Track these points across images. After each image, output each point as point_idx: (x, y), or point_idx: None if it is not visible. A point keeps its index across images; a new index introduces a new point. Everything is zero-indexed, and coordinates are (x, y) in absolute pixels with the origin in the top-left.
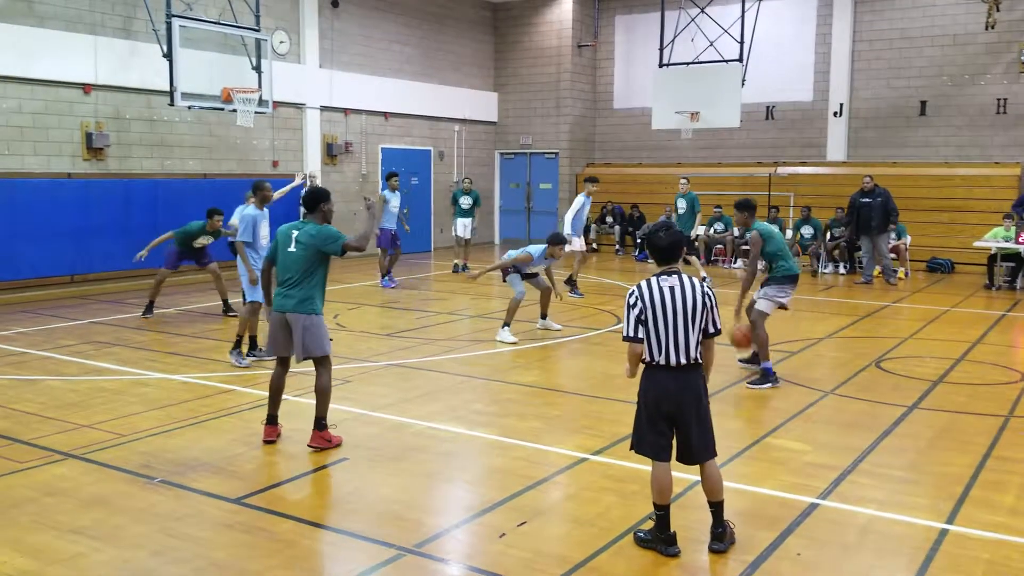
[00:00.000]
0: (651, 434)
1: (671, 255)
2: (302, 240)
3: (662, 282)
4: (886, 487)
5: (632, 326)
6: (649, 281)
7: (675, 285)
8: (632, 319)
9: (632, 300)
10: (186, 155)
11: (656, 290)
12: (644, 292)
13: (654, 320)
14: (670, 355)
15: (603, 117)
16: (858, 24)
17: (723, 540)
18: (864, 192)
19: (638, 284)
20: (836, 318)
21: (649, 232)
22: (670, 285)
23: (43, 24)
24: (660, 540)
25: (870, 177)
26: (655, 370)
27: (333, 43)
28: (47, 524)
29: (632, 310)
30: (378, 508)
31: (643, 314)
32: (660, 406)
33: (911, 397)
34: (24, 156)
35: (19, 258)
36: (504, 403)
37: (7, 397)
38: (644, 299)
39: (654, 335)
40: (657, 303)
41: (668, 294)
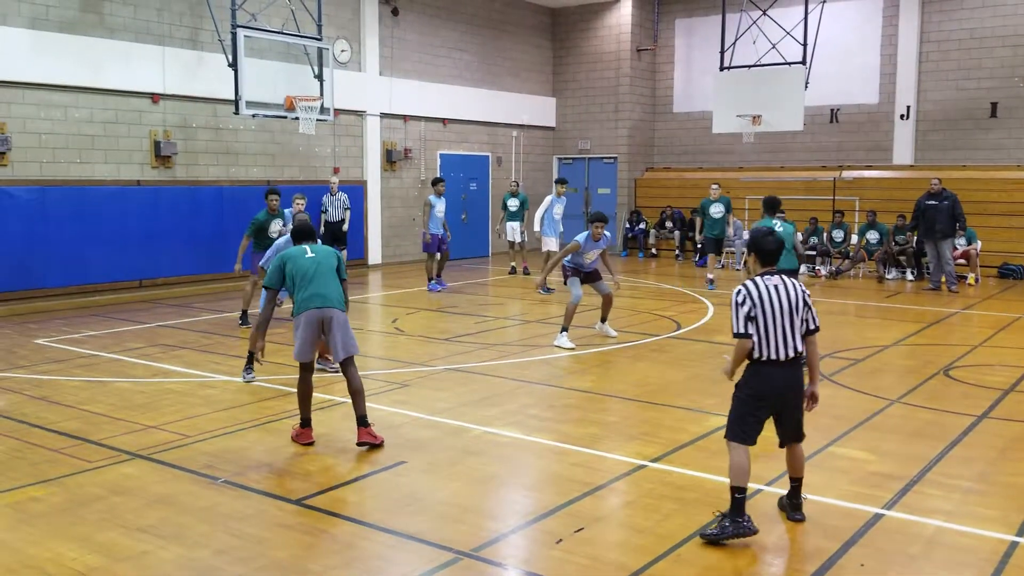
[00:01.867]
0: (750, 422)
1: (776, 257)
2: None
3: (767, 281)
4: (954, 498)
5: (743, 323)
6: (755, 281)
7: (779, 284)
8: (742, 316)
9: (740, 299)
10: (250, 162)
11: (764, 289)
12: (752, 291)
13: (763, 317)
14: (778, 350)
15: (662, 121)
16: (925, 25)
17: (801, 511)
18: (931, 194)
19: (743, 284)
20: (903, 325)
21: (757, 236)
22: (774, 284)
23: (113, 35)
24: (740, 524)
25: (938, 180)
26: (763, 365)
27: (393, 51)
28: (115, 522)
29: (741, 308)
30: (436, 511)
31: (752, 311)
32: (765, 398)
33: (981, 406)
34: (95, 164)
35: (90, 263)
36: (561, 408)
37: (78, 398)
38: (753, 297)
39: (763, 331)
40: (765, 301)
41: (774, 292)
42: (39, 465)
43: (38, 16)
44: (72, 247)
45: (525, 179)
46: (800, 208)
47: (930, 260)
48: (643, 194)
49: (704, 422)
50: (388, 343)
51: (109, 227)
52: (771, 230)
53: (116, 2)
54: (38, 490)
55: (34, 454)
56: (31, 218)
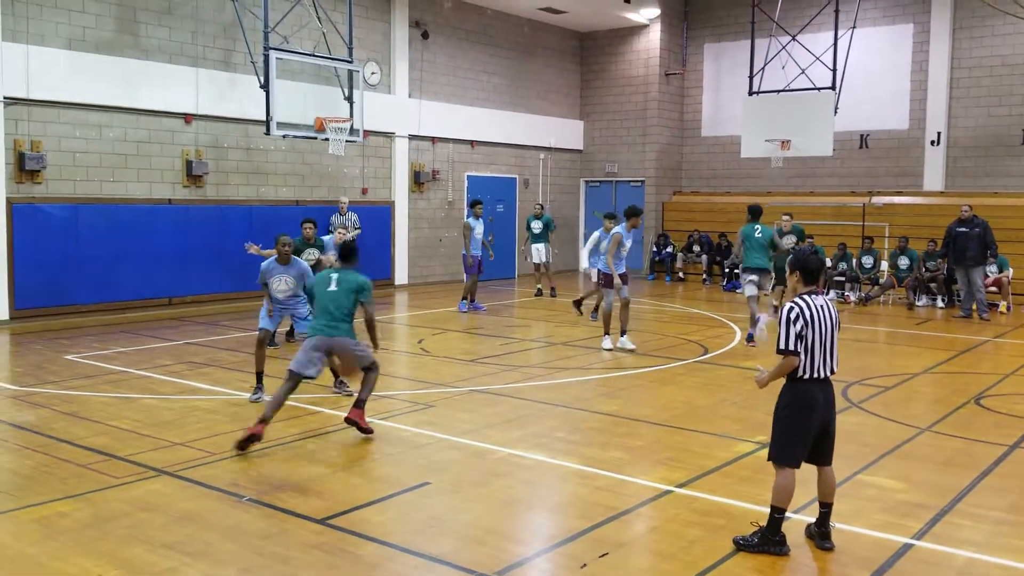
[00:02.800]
0: (800, 445)
1: (818, 277)
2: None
3: (814, 300)
4: (985, 528)
5: (793, 340)
6: (804, 299)
7: (824, 304)
8: (793, 334)
9: (793, 316)
10: (280, 182)
11: (814, 308)
12: (804, 309)
13: (812, 336)
14: (823, 369)
15: (690, 145)
16: (956, 51)
17: (830, 539)
18: (962, 221)
19: (794, 302)
20: (933, 352)
21: (801, 256)
22: (820, 304)
23: (148, 56)
24: (773, 542)
25: (969, 206)
26: (807, 383)
27: (422, 73)
28: (140, 538)
29: (794, 325)
30: (460, 533)
31: (803, 330)
32: (813, 418)
33: (1013, 436)
34: (128, 183)
35: (120, 280)
36: (587, 432)
37: (106, 414)
38: (805, 316)
39: (811, 350)
40: (815, 320)
41: (822, 312)
42: (66, 480)
43: (75, 37)
44: (103, 264)
45: (552, 202)
46: (829, 234)
47: (961, 287)
48: (670, 218)
49: (731, 448)
50: (414, 363)
51: (140, 245)
52: (815, 250)
53: (151, 24)
54: (64, 505)
55: (61, 469)
56: (64, 235)
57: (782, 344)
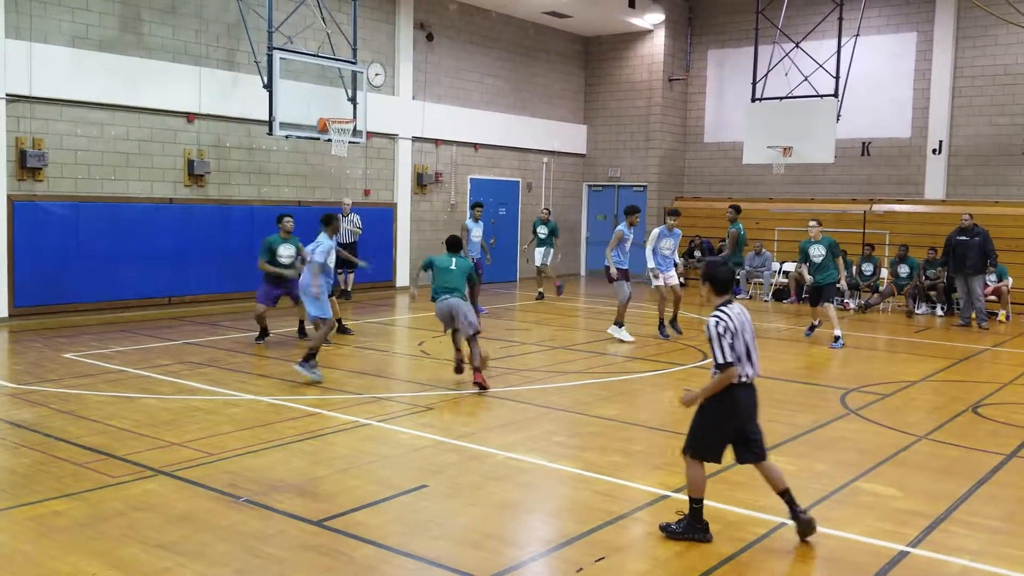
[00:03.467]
0: (720, 444)
1: (730, 286)
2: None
3: (732, 309)
4: (981, 537)
5: (729, 352)
6: (724, 310)
7: (742, 311)
8: (726, 346)
9: (721, 329)
10: (282, 183)
11: (736, 317)
12: (729, 321)
13: (744, 344)
14: (750, 373)
15: (693, 151)
16: (959, 60)
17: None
18: (962, 230)
19: (718, 314)
20: (932, 360)
21: (711, 267)
22: (738, 312)
23: (151, 55)
24: (697, 529)
25: (969, 215)
26: (735, 388)
27: (427, 76)
28: (136, 538)
29: (724, 338)
30: (457, 536)
31: (733, 340)
32: (735, 421)
33: (1010, 445)
34: (129, 181)
35: (120, 279)
36: (585, 436)
37: (104, 413)
38: (731, 326)
39: (745, 357)
40: (739, 328)
41: (744, 319)
42: (63, 479)
43: (78, 35)
44: (104, 263)
45: (555, 206)
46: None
47: (960, 296)
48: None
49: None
50: (413, 366)
51: (141, 244)
52: (724, 261)
53: (155, 22)
54: (61, 504)
55: (58, 468)
56: (64, 233)
57: (720, 358)
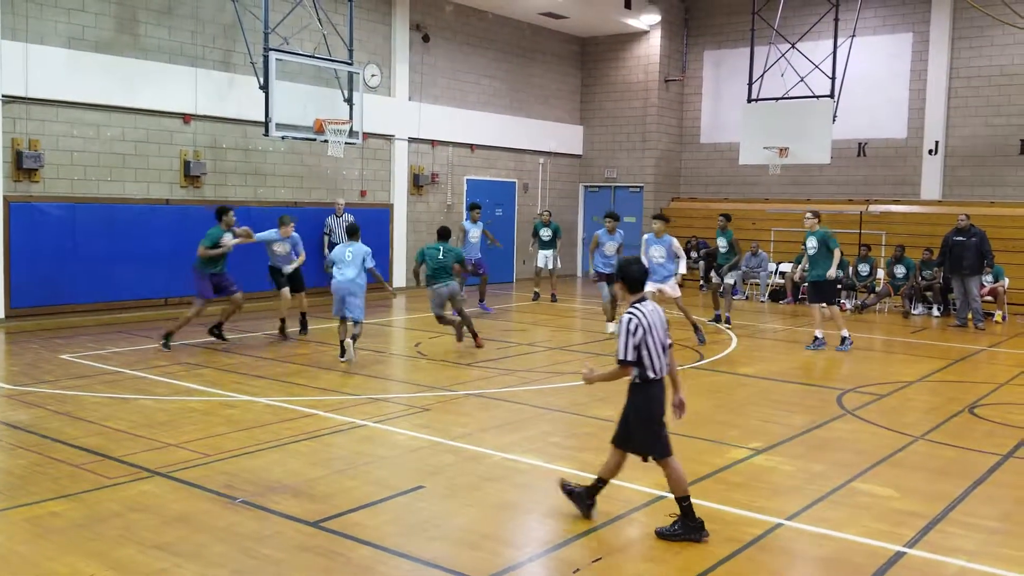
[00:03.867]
0: (663, 435)
1: (642, 284)
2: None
3: (645, 307)
4: (978, 537)
5: (632, 350)
6: (638, 308)
7: (655, 309)
8: (632, 345)
9: (633, 326)
10: (278, 183)
11: (648, 315)
12: (642, 318)
13: (653, 342)
14: (662, 369)
15: (689, 151)
16: (955, 60)
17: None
18: (959, 230)
19: (631, 312)
20: (928, 361)
21: (623, 265)
22: (651, 309)
23: (147, 56)
24: (692, 528)
25: (966, 215)
26: (652, 384)
27: (423, 77)
28: (132, 539)
29: (633, 336)
30: (453, 537)
31: (643, 339)
32: (660, 412)
33: (1006, 445)
34: (125, 182)
35: (117, 280)
36: (582, 437)
37: (101, 414)
38: (643, 324)
39: (653, 354)
40: (649, 327)
41: (655, 318)
42: (59, 480)
43: (74, 36)
44: (100, 264)
45: (551, 206)
46: None
47: (956, 296)
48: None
49: (725, 454)
50: (410, 367)
51: (137, 245)
52: (637, 259)
53: (151, 23)
54: (57, 505)
55: (55, 469)
56: (61, 234)
57: (621, 355)
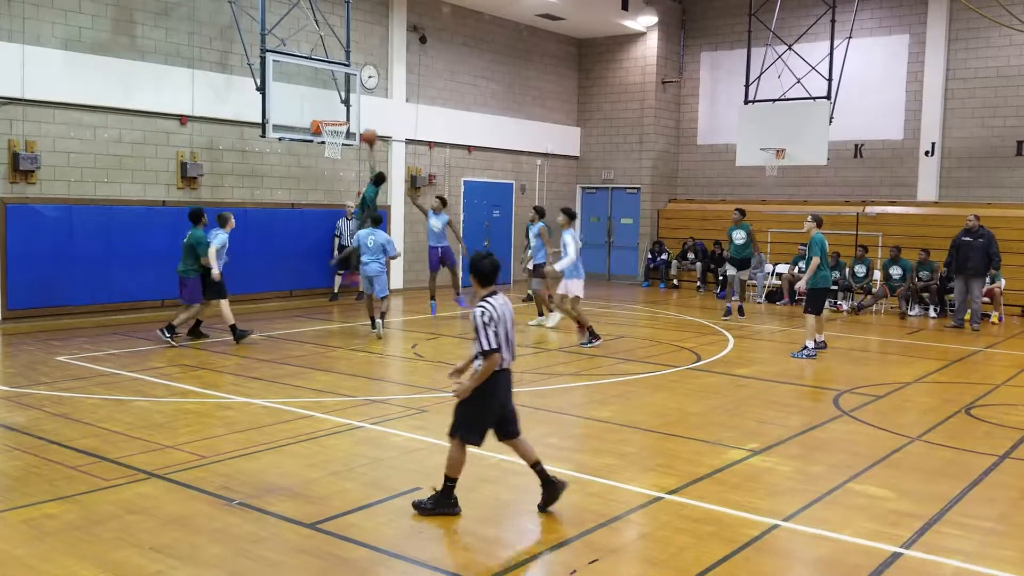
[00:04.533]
0: (484, 427)
1: (493, 278)
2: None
3: (496, 300)
4: (974, 538)
5: (494, 339)
6: (489, 300)
7: (505, 302)
8: (492, 334)
9: (487, 319)
10: (275, 185)
11: (499, 307)
12: (493, 311)
13: (505, 333)
14: (508, 359)
15: (686, 153)
16: (952, 62)
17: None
18: (967, 231)
19: (483, 304)
20: (925, 362)
21: (475, 259)
22: (502, 302)
23: (144, 58)
24: (447, 504)
25: (975, 216)
26: (499, 374)
27: (420, 78)
28: (129, 541)
29: (489, 327)
30: (450, 539)
31: (498, 329)
32: (496, 404)
33: (1003, 446)
34: (122, 184)
35: (113, 282)
36: (579, 438)
37: (97, 416)
38: (495, 316)
39: (505, 345)
40: (501, 318)
41: (506, 310)
42: (56, 482)
43: (71, 37)
44: (97, 266)
45: (548, 208)
46: None
47: (956, 297)
48: (666, 225)
49: (722, 455)
50: (407, 368)
51: (134, 247)
52: (488, 254)
53: (148, 25)
54: (53, 507)
55: (51, 471)
56: (57, 236)
57: (486, 345)
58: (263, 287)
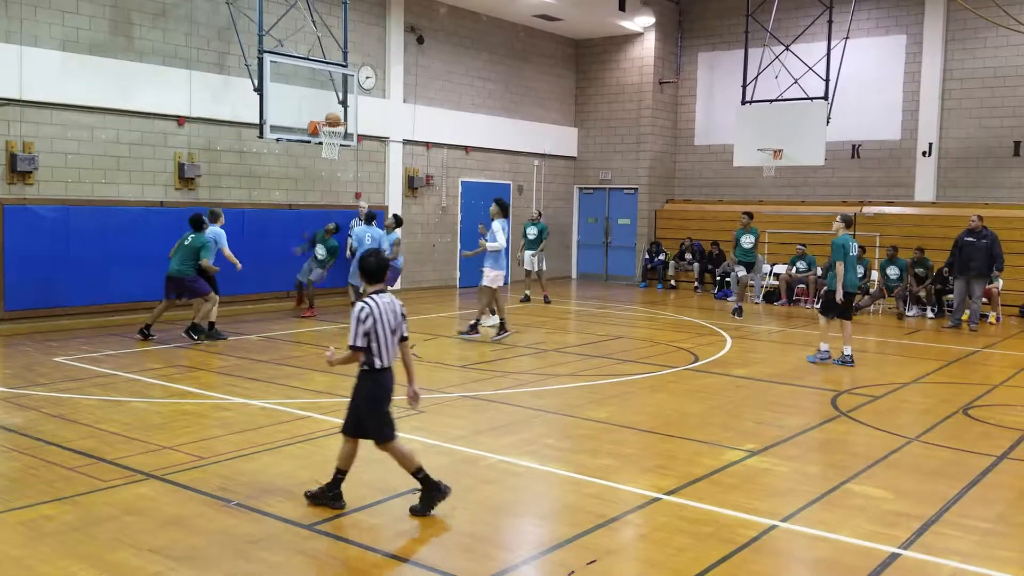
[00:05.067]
0: (390, 420)
1: (379, 276)
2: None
3: (380, 299)
4: (972, 539)
5: (361, 337)
6: (372, 298)
7: (391, 301)
8: (361, 332)
9: (364, 315)
10: (273, 186)
11: (380, 306)
12: (373, 308)
13: (382, 331)
14: (389, 359)
15: (684, 153)
16: (948, 62)
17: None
18: (971, 231)
19: (366, 301)
20: (922, 362)
21: (363, 257)
22: (387, 302)
23: (141, 59)
24: (330, 497)
25: (978, 216)
26: (380, 372)
27: (417, 79)
28: (126, 542)
29: (363, 324)
30: (448, 540)
31: (373, 327)
32: (387, 399)
33: (1001, 446)
34: (119, 185)
35: (111, 282)
36: (577, 438)
37: (95, 417)
38: (374, 313)
39: (382, 344)
40: (380, 317)
41: (389, 310)
42: (53, 483)
43: (68, 38)
44: (94, 267)
45: (546, 208)
46: (820, 243)
47: (956, 297)
48: (663, 225)
49: (720, 456)
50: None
51: (131, 247)
52: (375, 251)
53: (145, 26)
54: (51, 508)
55: (49, 472)
56: (55, 237)
57: (351, 341)
58: (261, 288)
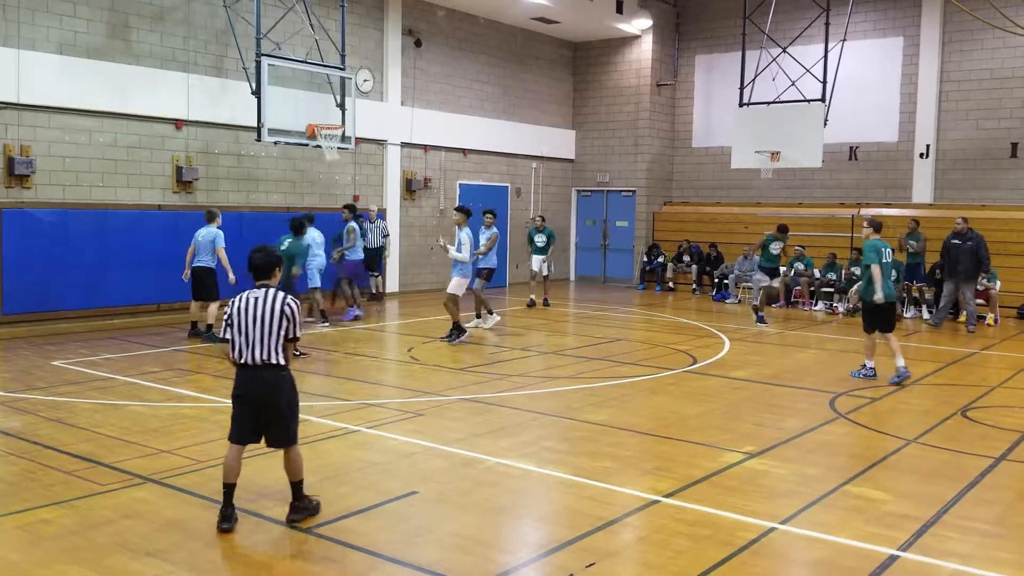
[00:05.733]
0: (237, 423)
1: (263, 273)
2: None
3: (252, 293)
4: (971, 540)
5: (224, 327)
6: (246, 294)
7: (260, 297)
8: (224, 326)
9: (228, 308)
10: (271, 188)
11: (245, 300)
12: (235, 302)
13: (239, 325)
14: (248, 356)
15: (681, 155)
16: (946, 64)
17: (302, 512)
18: (956, 234)
19: (240, 296)
20: (920, 364)
21: (251, 253)
22: (256, 297)
23: (139, 62)
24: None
25: (963, 219)
26: (240, 368)
27: (415, 81)
28: (124, 546)
29: (226, 317)
30: (446, 543)
31: (231, 319)
32: (243, 399)
33: (999, 448)
34: (117, 188)
35: (109, 286)
36: (575, 441)
37: (92, 421)
38: (233, 307)
39: (239, 338)
40: (242, 311)
41: (252, 303)
42: (52, 487)
43: (66, 42)
44: (92, 270)
45: (544, 211)
46: (818, 244)
47: (943, 298)
48: (661, 228)
49: (719, 458)
50: (403, 372)
51: (129, 251)
52: (261, 248)
53: (143, 29)
54: (49, 512)
55: (47, 476)
56: (53, 240)
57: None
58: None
